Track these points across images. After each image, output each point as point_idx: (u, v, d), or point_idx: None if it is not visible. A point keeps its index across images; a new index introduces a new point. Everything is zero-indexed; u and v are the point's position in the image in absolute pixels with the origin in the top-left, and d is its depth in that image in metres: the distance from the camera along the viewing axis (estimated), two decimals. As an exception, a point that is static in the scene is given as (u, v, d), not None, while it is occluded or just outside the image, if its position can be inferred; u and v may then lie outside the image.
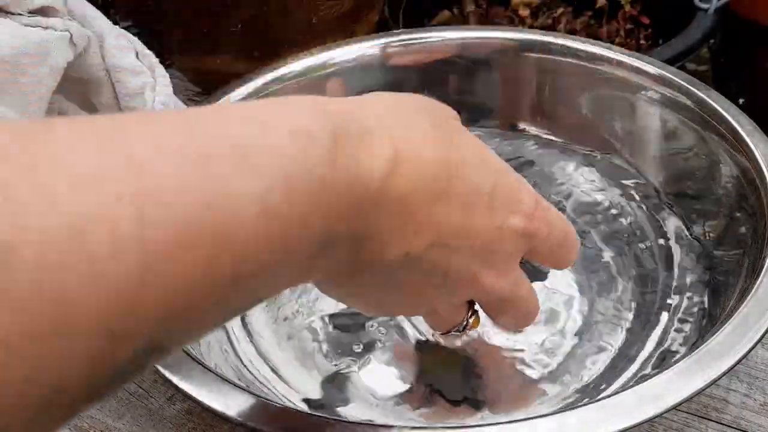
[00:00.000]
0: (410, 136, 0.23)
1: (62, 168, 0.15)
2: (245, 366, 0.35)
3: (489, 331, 0.35)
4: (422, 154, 0.23)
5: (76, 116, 0.17)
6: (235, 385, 0.28)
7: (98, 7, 0.44)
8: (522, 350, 0.35)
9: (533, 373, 0.35)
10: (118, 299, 0.15)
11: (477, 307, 0.31)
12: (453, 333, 0.32)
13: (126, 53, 0.44)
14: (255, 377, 0.35)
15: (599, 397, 0.30)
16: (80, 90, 0.44)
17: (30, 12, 0.39)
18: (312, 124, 0.20)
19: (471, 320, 0.31)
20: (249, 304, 0.21)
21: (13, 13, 0.39)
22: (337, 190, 0.20)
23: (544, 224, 0.27)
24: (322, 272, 0.23)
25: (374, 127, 0.22)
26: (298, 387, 0.34)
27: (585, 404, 0.26)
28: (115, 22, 0.44)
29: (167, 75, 0.45)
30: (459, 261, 0.25)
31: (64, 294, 0.15)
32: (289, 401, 0.33)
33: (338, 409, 0.33)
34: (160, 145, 0.17)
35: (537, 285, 0.38)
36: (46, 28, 0.39)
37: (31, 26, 0.39)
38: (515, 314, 0.30)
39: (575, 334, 0.36)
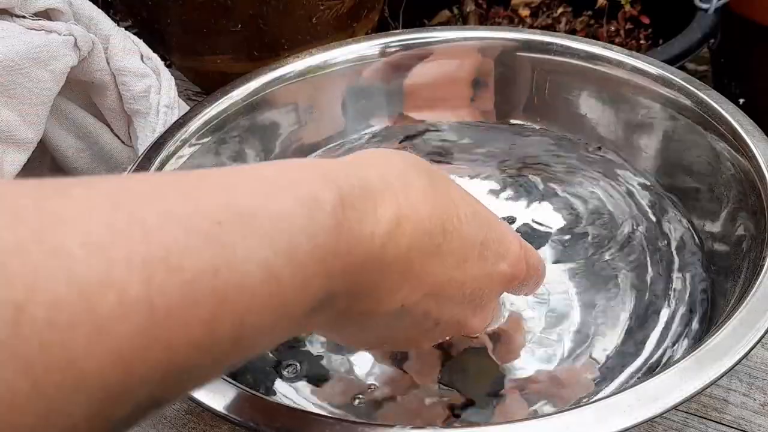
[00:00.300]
0: (410, 195, 0.24)
1: (74, 231, 0.16)
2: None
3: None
4: (421, 212, 0.24)
5: (89, 178, 0.18)
6: (235, 385, 0.28)
7: (98, 6, 0.44)
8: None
9: (533, 373, 0.35)
10: (122, 359, 0.16)
11: None
12: None
13: (131, 56, 0.44)
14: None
15: (599, 397, 0.30)
16: (83, 92, 0.44)
17: (34, 15, 0.39)
18: (317, 189, 0.21)
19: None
20: (245, 359, 0.21)
21: (17, 16, 0.39)
22: (339, 253, 0.21)
23: (525, 265, 0.29)
24: (316, 326, 0.24)
25: (378, 187, 0.23)
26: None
27: (585, 404, 0.26)
28: (115, 22, 0.44)
29: (172, 78, 0.45)
30: (450, 309, 0.27)
31: (71, 354, 0.15)
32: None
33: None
34: (168, 211, 0.18)
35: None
36: (50, 32, 0.39)
37: (35, 30, 0.39)
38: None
39: (573, 334, 0.36)
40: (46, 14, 0.40)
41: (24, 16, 0.39)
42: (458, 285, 0.26)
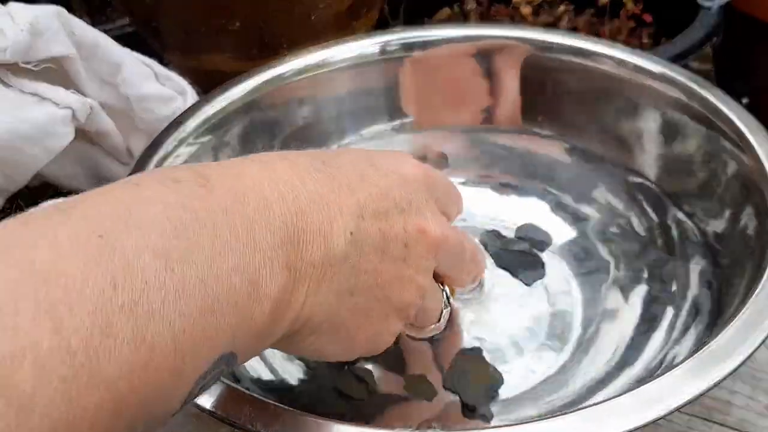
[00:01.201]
0: (276, 160, 0.26)
1: None
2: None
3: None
4: (292, 157, 0.26)
5: None
6: (235, 387, 0.28)
7: (97, 5, 0.44)
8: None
9: (535, 375, 0.34)
10: (67, 398, 0.17)
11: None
12: (443, 314, 0.32)
13: (148, 81, 0.43)
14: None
15: (602, 399, 0.29)
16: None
17: (38, 64, 0.38)
18: (179, 175, 0.23)
19: (447, 290, 0.33)
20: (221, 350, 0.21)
21: (18, 71, 0.38)
22: (221, 206, 0.22)
23: (429, 170, 0.30)
24: (276, 286, 0.23)
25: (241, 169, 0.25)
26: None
27: (588, 406, 0.26)
28: (113, 21, 0.44)
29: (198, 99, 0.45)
30: (397, 221, 0.27)
31: (20, 403, 0.16)
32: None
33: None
34: (56, 237, 0.18)
35: (536, 285, 0.38)
36: (45, 99, 0.38)
37: (32, 95, 0.38)
38: (469, 259, 0.32)
39: (576, 336, 0.36)
40: (54, 62, 0.39)
41: (25, 69, 0.37)
42: (382, 195, 0.27)
